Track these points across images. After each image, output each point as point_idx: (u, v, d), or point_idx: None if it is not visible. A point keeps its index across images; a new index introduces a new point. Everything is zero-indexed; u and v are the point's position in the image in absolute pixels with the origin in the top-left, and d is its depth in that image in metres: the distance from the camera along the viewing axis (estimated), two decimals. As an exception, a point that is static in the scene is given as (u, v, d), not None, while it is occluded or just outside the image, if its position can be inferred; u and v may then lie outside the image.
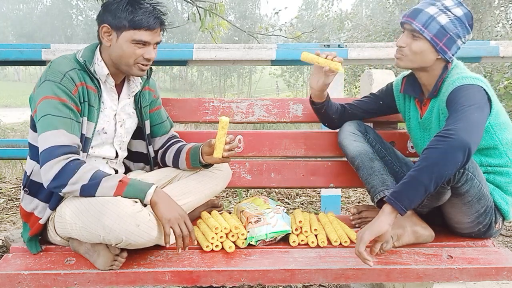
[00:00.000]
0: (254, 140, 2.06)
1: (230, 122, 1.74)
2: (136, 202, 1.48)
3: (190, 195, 1.71)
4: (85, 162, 1.50)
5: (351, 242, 1.66)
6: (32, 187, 1.59)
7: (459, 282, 1.48)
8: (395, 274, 1.48)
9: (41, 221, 1.57)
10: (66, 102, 1.51)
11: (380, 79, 2.37)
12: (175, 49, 2.63)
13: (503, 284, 2.10)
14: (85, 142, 1.59)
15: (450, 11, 1.60)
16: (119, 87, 1.71)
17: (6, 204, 3.46)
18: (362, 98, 1.98)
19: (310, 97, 1.89)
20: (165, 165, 1.87)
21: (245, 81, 28.73)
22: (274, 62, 2.72)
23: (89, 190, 1.46)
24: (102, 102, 1.64)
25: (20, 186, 3.88)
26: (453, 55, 1.64)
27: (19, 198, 3.58)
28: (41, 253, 1.57)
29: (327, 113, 1.90)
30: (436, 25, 1.59)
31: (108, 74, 1.63)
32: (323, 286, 2.12)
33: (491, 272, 1.48)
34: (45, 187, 1.49)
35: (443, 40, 1.60)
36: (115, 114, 1.69)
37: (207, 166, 1.77)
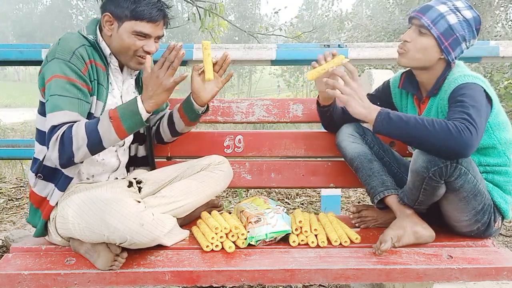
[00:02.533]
0: (254, 140, 2.06)
1: (230, 122, 1.74)
2: (139, 202, 1.49)
3: (191, 196, 1.71)
4: (73, 126, 1.44)
5: (351, 242, 1.66)
6: (47, 172, 1.57)
7: (459, 282, 1.48)
8: (395, 274, 1.48)
9: (51, 203, 1.55)
10: (75, 82, 1.48)
11: (380, 79, 2.37)
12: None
13: (503, 284, 2.10)
14: None
15: (460, 13, 1.60)
16: (120, 68, 1.70)
17: (6, 204, 3.46)
18: None
19: (318, 100, 1.88)
20: (159, 140, 1.88)
21: (245, 81, 28.73)
22: (274, 62, 2.72)
23: (96, 146, 1.46)
24: (110, 82, 1.63)
25: (21, 186, 3.89)
26: (456, 57, 1.65)
27: (19, 198, 3.59)
28: (41, 253, 1.57)
29: (331, 116, 1.90)
30: (444, 23, 1.59)
31: (110, 54, 1.62)
32: (323, 286, 2.12)
33: (491, 272, 1.48)
34: (61, 168, 1.50)
35: (449, 40, 1.60)
36: (121, 96, 1.69)
37: (205, 111, 1.76)
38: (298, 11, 34.79)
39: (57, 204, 1.57)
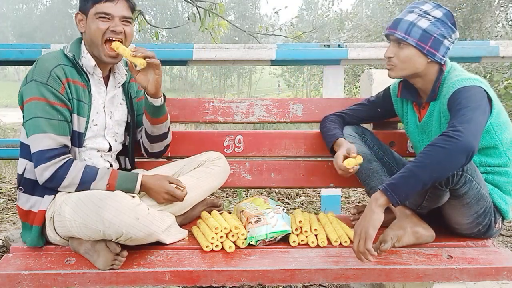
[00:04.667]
0: (254, 140, 2.06)
1: (230, 122, 1.74)
2: (134, 196, 1.50)
3: (189, 192, 1.71)
4: (73, 161, 1.55)
5: (351, 242, 1.66)
6: (27, 185, 1.60)
7: (459, 282, 1.48)
8: (395, 274, 1.48)
9: (43, 208, 1.56)
10: (53, 104, 1.53)
11: (380, 79, 2.37)
12: (175, 49, 2.63)
13: (503, 284, 2.10)
14: (79, 137, 1.61)
15: (430, 14, 1.61)
16: (105, 79, 1.71)
17: (6, 204, 3.46)
18: (359, 104, 1.97)
19: (332, 148, 1.83)
20: (146, 151, 1.88)
21: (245, 81, 28.75)
22: (274, 62, 2.72)
23: (83, 189, 1.54)
24: (92, 97, 1.65)
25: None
26: (443, 56, 1.64)
27: (19, 198, 3.59)
28: (41, 253, 1.57)
29: None
30: (418, 30, 1.60)
31: (95, 65, 1.64)
32: (323, 286, 2.12)
33: (491, 272, 1.48)
34: (40, 183, 1.54)
35: (429, 42, 1.60)
36: (104, 106, 1.70)
37: (163, 102, 1.75)
38: (298, 11, 34.78)
39: (53, 202, 1.57)
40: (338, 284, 2.10)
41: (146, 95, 1.72)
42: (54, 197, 1.57)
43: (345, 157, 1.70)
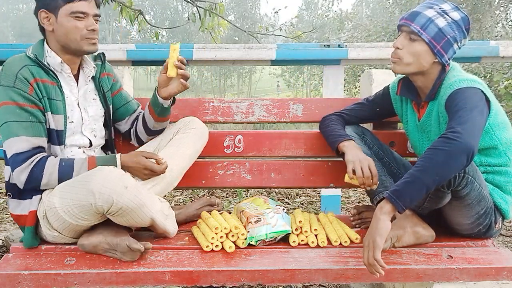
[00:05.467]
0: (254, 140, 2.06)
1: (230, 122, 1.74)
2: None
3: (174, 159, 1.72)
4: (48, 158, 1.55)
5: (351, 242, 1.66)
6: (14, 191, 1.60)
7: (459, 282, 1.48)
8: (395, 274, 1.48)
9: (33, 209, 1.57)
10: (23, 106, 1.53)
11: (380, 79, 2.37)
12: (175, 49, 2.63)
13: (503, 284, 2.10)
14: (58, 135, 1.61)
15: (448, 15, 1.60)
16: (76, 77, 1.72)
17: (6, 204, 3.46)
18: (358, 104, 1.97)
19: (337, 151, 1.83)
20: (139, 141, 1.89)
21: (245, 81, 28.72)
22: (274, 62, 2.72)
23: (65, 180, 1.54)
24: (64, 94, 1.65)
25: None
26: (449, 59, 1.64)
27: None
28: (41, 253, 1.57)
29: None
30: (434, 27, 1.58)
31: (61, 62, 1.64)
32: (323, 286, 2.12)
33: (491, 272, 1.48)
34: (22, 189, 1.55)
35: (441, 43, 1.59)
36: (78, 103, 1.70)
37: (171, 104, 1.79)
38: (298, 11, 34.77)
39: (41, 201, 1.57)
40: (338, 284, 2.11)
41: (158, 95, 1.74)
42: (41, 196, 1.57)
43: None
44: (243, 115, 2.09)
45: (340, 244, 1.65)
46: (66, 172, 1.55)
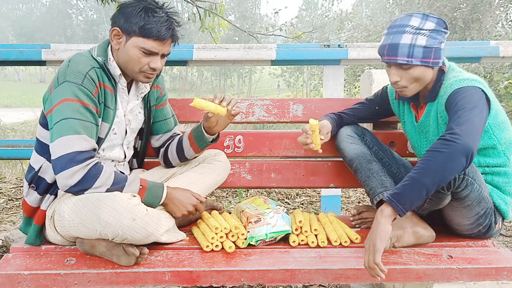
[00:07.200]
0: (254, 140, 2.06)
1: (230, 122, 1.75)
2: (135, 196, 1.49)
3: (192, 187, 1.71)
4: (103, 165, 1.52)
5: (351, 242, 1.66)
6: (40, 184, 1.58)
7: (459, 282, 1.48)
8: (395, 274, 1.48)
9: (43, 207, 1.57)
10: (88, 106, 1.50)
11: (380, 79, 2.37)
12: (175, 49, 2.60)
13: (503, 284, 2.10)
14: (98, 143, 1.58)
15: (423, 29, 1.57)
16: (127, 88, 1.70)
17: (6, 204, 3.46)
18: (358, 104, 1.97)
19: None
20: (167, 163, 1.87)
21: (245, 81, 28.73)
22: (274, 62, 2.72)
23: (115, 189, 1.51)
24: (116, 103, 1.63)
25: (20, 186, 3.89)
26: (442, 60, 1.64)
27: (19, 198, 3.58)
28: (41, 253, 1.57)
29: None
30: (419, 49, 1.56)
31: (120, 74, 1.62)
32: (323, 286, 2.11)
33: (491, 272, 1.48)
34: (62, 190, 1.50)
35: (432, 55, 1.58)
36: (124, 115, 1.69)
37: (215, 140, 1.78)
38: (298, 11, 34.78)
39: (54, 201, 1.57)
40: (338, 284, 2.10)
41: (204, 131, 1.73)
42: (55, 197, 1.57)
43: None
44: (243, 115, 2.08)
45: (340, 244, 1.65)
46: (119, 183, 1.51)
